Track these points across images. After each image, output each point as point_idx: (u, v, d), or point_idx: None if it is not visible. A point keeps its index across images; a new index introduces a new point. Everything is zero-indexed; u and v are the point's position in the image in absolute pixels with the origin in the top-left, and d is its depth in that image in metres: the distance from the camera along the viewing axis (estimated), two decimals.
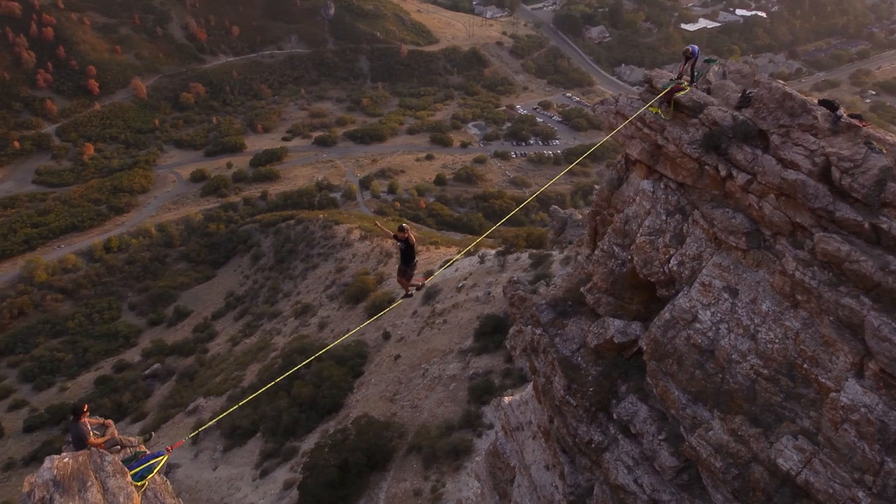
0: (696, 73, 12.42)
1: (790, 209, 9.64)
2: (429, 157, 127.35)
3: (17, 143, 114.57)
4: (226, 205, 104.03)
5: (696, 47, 12.43)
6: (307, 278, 78.87)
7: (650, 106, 11.60)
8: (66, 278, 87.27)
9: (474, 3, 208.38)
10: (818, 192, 9.26)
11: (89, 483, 8.35)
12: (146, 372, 68.86)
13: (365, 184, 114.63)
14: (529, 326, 13.76)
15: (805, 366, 9.08)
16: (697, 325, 10.37)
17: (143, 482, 9.14)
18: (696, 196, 11.19)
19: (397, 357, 46.79)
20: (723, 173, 10.51)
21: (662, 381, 10.73)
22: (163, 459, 9.64)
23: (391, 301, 57.03)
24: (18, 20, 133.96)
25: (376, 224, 14.56)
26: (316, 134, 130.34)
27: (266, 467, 41.91)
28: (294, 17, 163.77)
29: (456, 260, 55.61)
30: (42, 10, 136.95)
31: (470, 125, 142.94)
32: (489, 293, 48.75)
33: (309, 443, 41.21)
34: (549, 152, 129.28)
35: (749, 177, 10.16)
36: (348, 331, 56.23)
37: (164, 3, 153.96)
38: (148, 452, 10.13)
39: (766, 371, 9.50)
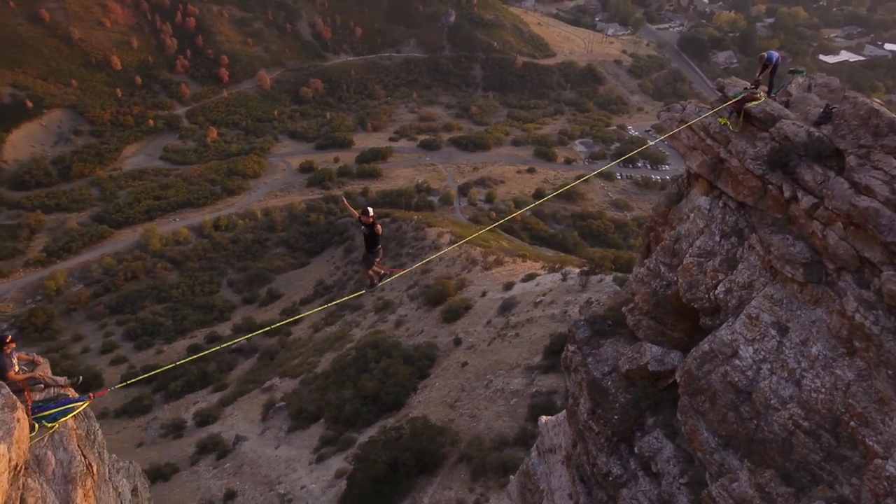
0: (775, 84, 11.11)
1: (859, 241, 8.32)
2: (530, 171, 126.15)
3: (151, 122, 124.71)
4: (328, 197, 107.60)
5: (776, 54, 11.12)
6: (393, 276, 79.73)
7: (715, 113, 10.46)
8: (177, 250, 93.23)
9: (597, 19, 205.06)
10: (893, 224, 7.90)
11: None
12: (232, 346, 72.07)
13: (463, 190, 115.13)
14: (567, 343, 12.88)
15: (852, 423, 7.75)
16: (737, 362, 9.18)
17: (53, 424, 8.84)
18: (757, 218, 9.96)
19: (464, 364, 46.25)
20: (787, 194, 9.27)
21: (692, 419, 9.60)
22: (82, 405, 9.35)
23: (468, 307, 56.78)
24: (167, 9, 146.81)
25: (343, 201, 13.93)
26: (422, 137, 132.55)
27: (323, 453, 42.57)
28: (415, 21, 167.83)
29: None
30: (188, 1, 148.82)
31: (577, 142, 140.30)
32: (566, 312, 47.22)
33: (366, 436, 41.49)
34: (656, 177, 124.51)
35: (815, 200, 8.90)
36: (422, 331, 56.54)
37: (296, 1, 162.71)
38: (70, 396, 9.90)
39: (806, 424, 8.21)
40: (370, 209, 12.02)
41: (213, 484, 44.04)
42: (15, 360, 9.68)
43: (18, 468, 7.85)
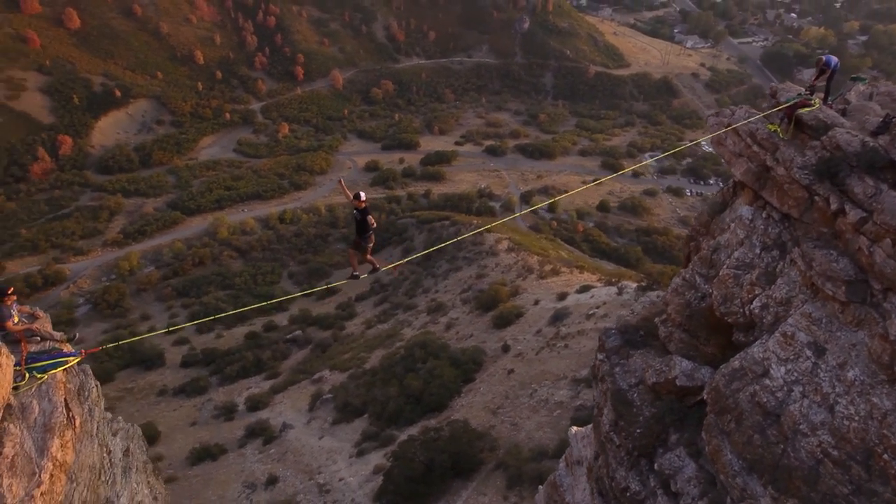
0: (833, 90, 10.41)
1: None
2: (596, 181, 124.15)
3: (228, 115, 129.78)
4: (390, 197, 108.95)
5: (834, 59, 10.41)
6: (448, 279, 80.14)
7: (764, 118, 9.88)
8: (243, 239, 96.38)
9: (675, 30, 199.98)
10: None
11: None
12: (288, 336, 73.88)
13: (526, 198, 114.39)
14: (597, 351, 12.48)
15: (886, 456, 7.12)
16: (767, 382, 8.62)
17: (43, 375, 9.12)
18: (802, 232, 9.34)
19: (511, 371, 45.78)
20: (833, 207, 8.65)
21: (717, 438, 9.07)
22: (73, 360, 9.61)
23: (520, 314, 56.24)
24: (249, 8, 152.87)
25: (340, 183, 13.61)
26: (488, 142, 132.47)
27: (363, 448, 42.93)
28: (488, 27, 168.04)
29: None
30: (270, 1, 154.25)
31: (646, 155, 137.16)
32: None
33: (407, 434, 41.60)
34: None
35: (864, 214, 8.25)
36: (472, 335, 56.34)
37: (373, 4, 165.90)
38: (64, 350, 10.18)
39: (836, 453, 7.61)
40: (362, 193, 11.81)
41: (257, 468, 45.11)
42: (15, 312, 10.11)
43: None
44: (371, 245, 12.10)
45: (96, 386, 11.46)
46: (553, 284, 65.24)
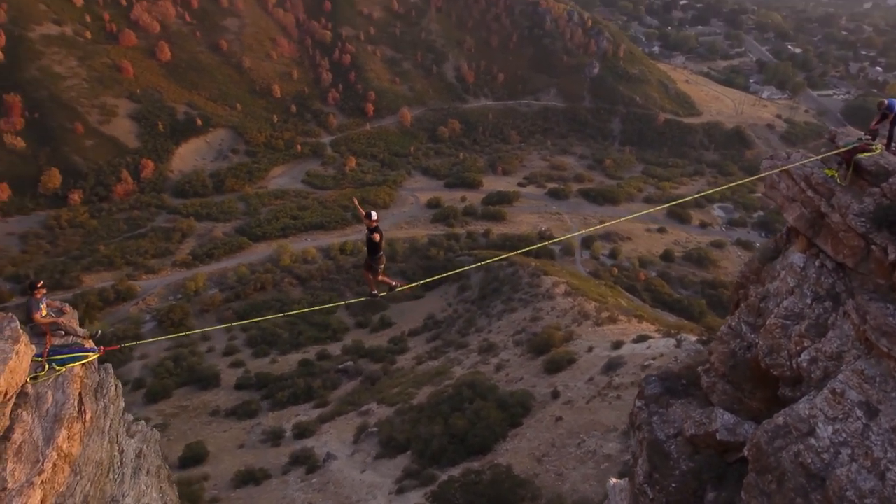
0: (894, 136, 9.81)
1: None
2: (660, 230, 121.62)
3: (299, 147, 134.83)
4: (450, 234, 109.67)
5: None
6: (502, 319, 79.36)
7: (821, 163, 9.37)
8: (304, 268, 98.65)
9: (751, 80, 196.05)
10: None
11: None
12: (339, 366, 74.36)
13: (587, 243, 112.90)
14: (635, 398, 11.92)
15: None
16: (813, 442, 7.97)
17: (61, 368, 9.32)
18: (857, 283, 8.73)
19: (559, 419, 44.45)
20: (891, 257, 8.06)
21: (757, 499, 8.43)
22: (91, 356, 9.80)
23: (572, 360, 54.85)
24: (327, 46, 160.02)
25: (353, 200, 13.60)
26: (551, 185, 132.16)
27: (404, 485, 42.28)
28: (558, 72, 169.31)
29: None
30: (347, 40, 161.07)
31: (715, 206, 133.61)
32: None
33: (448, 475, 40.81)
34: None
35: None
36: (521, 378, 55.23)
37: (444, 46, 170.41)
38: (86, 346, 10.38)
39: None
40: (373, 213, 11.89)
41: (298, 496, 45.10)
42: (43, 306, 10.54)
43: (9, 396, 8.43)
44: (382, 266, 12.12)
45: (116, 385, 11.75)
46: (609, 332, 63.61)
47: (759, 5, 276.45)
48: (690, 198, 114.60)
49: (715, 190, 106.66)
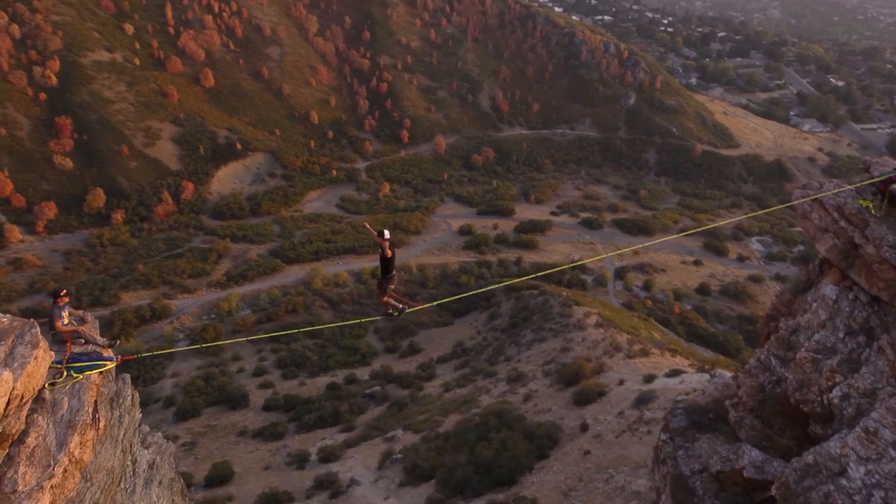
0: None
1: None
2: (696, 263, 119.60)
3: (334, 172, 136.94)
4: (481, 261, 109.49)
5: None
6: (531, 349, 78.50)
7: (855, 192, 9.07)
8: (335, 291, 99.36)
9: (791, 113, 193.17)
10: None
11: (2, 341, 8.85)
12: (367, 391, 74.27)
13: (620, 274, 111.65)
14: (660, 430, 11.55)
15: None
16: (844, 483, 7.56)
17: (79, 375, 9.47)
18: (893, 317, 8.35)
19: (587, 453, 43.43)
20: None
21: None
22: (109, 365, 9.94)
23: (602, 393, 53.77)
24: (365, 74, 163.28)
25: (364, 224, 13.63)
26: (584, 214, 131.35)
27: None
28: (593, 101, 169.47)
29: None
30: (384, 69, 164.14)
31: (753, 239, 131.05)
32: None
33: None
34: None
35: None
36: (550, 409, 54.30)
37: (480, 76, 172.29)
38: (104, 355, 10.53)
39: None
40: (386, 232, 11.97)
41: None
42: (65, 314, 10.80)
43: (25, 400, 8.56)
44: (392, 286, 12.16)
45: (133, 395, 11.90)
46: (641, 365, 62.32)
47: (801, 38, 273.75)
48: (710, 226, 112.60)
49: (737, 219, 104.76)
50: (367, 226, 13.71)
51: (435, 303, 16.00)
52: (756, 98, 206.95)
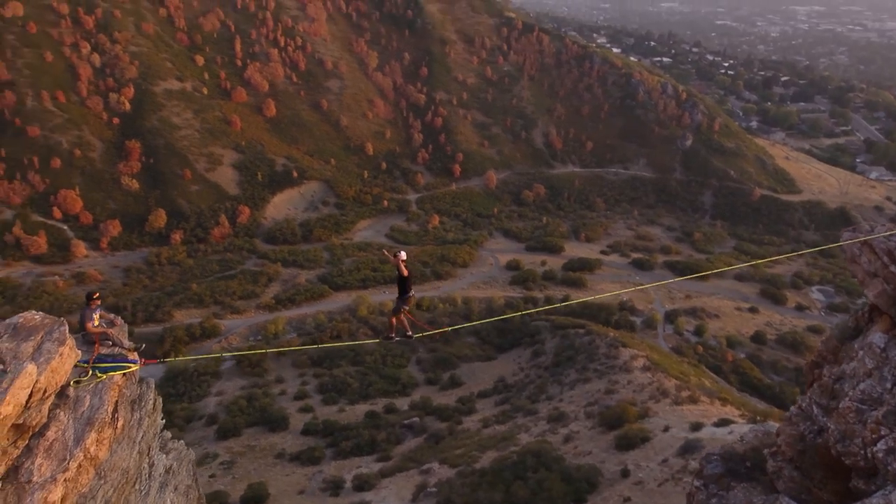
0: None
1: None
2: (752, 310, 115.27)
3: (386, 203, 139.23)
4: (527, 297, 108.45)
5: None
6: (574, 389, 76.80)
7: None
8: (380, 319, 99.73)
9: (858, 160, 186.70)
10: None
11: (32, 337, 9.22)
12: (405, 421, 73.76)
13: (670, 317, 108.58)
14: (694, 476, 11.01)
15: None
16: None
17: (102, 376, 9.72)
18: None
19: (626, 500, 41.95)
20: None
21: None
22: (132, 367, 10.16)
23: (646, 439, 52.01)
24: (420, 108, 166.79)
25: (383, 252, 13.63)
26: (635, 255, 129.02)
27: None
28: (649, 142, 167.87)
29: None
30: (440, 104, 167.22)
31: (814, 289, 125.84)
32: None
33: None
34: None
35: None
36: (590, 453, 52.76)
37: (534, 113, 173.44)
38: (129, 357, 10.79)
39: None
40: (402, 253, 12.13)
41: None
42: (96, 316, 11.23)
43: (48, 394, 8.88)
44: (408, 307, 12.33)
45: (155, 400, 12.15)
46: (688, 412, 60.14)
47: (869, 83, 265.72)
48: (736, 266, 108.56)
49: (782, 256, 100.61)
50: (385, 252, 13.99)
51: (449, 328, 16.02)
52: (820, 144, 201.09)
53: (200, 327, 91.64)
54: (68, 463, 8.78)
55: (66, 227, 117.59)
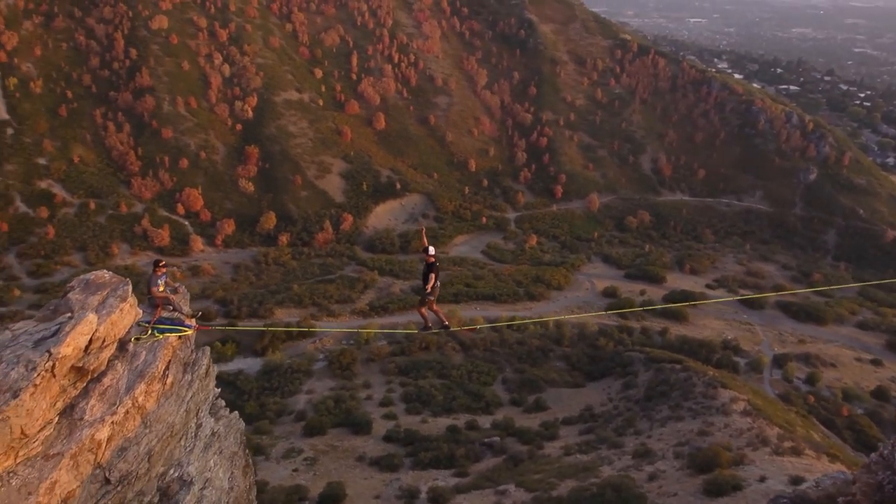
0: None
1: None
2: (875, 362, 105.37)
3: (484, 220, 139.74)
4: (623, 326, 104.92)
5: None
6: (665, 426, 72.99)
7: None
8: (469, 335, 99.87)
9: None
10: None
11: (100, 292, 10.16)
12: (486, 439, 72.94)
13: (779, 362, 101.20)
14: None
15: None
16: None
17: (159, 336, 10.30)
18: None
19: None
20: None
21: None
22: (187, 331, 10.76)
23: (737, 487, 48.45)
24: (526, 128, 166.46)
25: (422, 229, 13.52)
26: (744, 292, 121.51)
27: None
28: (767, 174, 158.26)
29: None
30: (546, 124, 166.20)
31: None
32: None
33: None
34: None
35: None
36: (675, 495, 49.81)
37: (644, 137, 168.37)
38: (186, 322, 11.36)
39: None
40: (431, 248, 12.14)
41: None
42: (161, 282, 11.98)
43: (105, 344, 9.59)
44: (433, 298, 12.38)
45: (209, 367, 12.70)
46: (789, 464, 55.58)
47: None
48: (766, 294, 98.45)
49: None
50: (423, 232, 14.38)
51: (476, 326, 15.71)
52: None
53: (298, 327, 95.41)
54: (117, 408, 9.50)
55: (187, 223, 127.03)
